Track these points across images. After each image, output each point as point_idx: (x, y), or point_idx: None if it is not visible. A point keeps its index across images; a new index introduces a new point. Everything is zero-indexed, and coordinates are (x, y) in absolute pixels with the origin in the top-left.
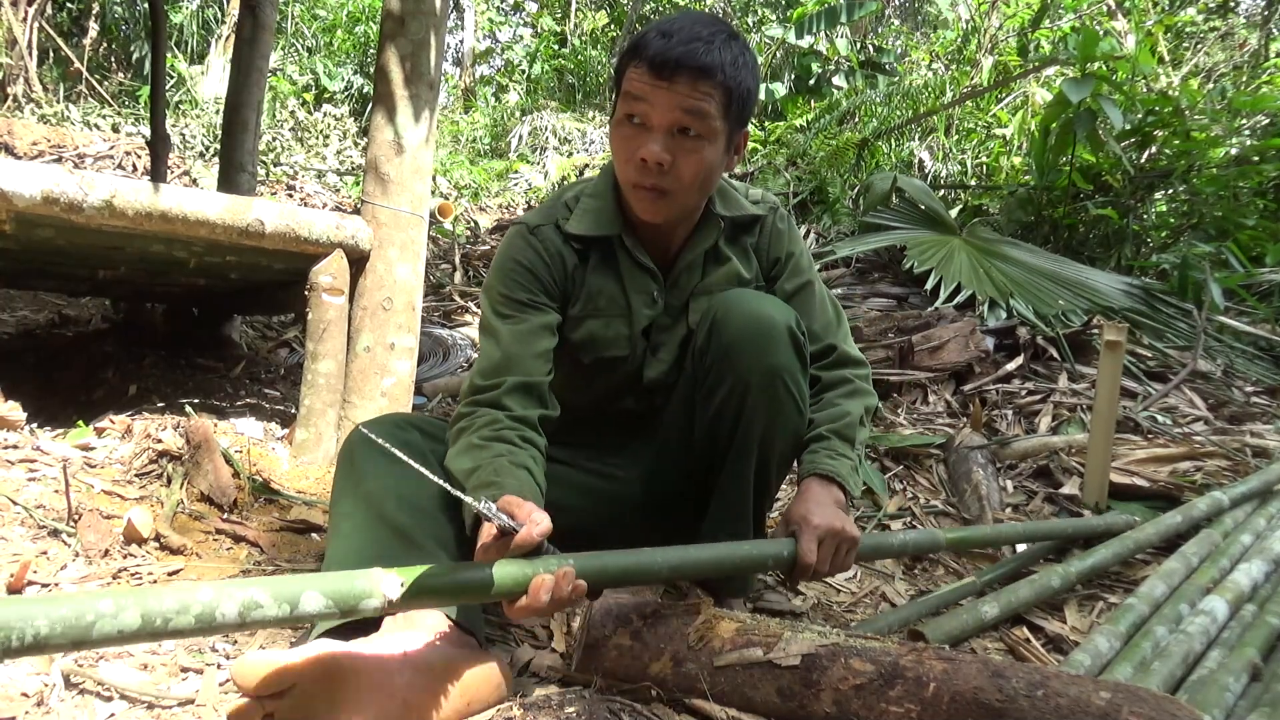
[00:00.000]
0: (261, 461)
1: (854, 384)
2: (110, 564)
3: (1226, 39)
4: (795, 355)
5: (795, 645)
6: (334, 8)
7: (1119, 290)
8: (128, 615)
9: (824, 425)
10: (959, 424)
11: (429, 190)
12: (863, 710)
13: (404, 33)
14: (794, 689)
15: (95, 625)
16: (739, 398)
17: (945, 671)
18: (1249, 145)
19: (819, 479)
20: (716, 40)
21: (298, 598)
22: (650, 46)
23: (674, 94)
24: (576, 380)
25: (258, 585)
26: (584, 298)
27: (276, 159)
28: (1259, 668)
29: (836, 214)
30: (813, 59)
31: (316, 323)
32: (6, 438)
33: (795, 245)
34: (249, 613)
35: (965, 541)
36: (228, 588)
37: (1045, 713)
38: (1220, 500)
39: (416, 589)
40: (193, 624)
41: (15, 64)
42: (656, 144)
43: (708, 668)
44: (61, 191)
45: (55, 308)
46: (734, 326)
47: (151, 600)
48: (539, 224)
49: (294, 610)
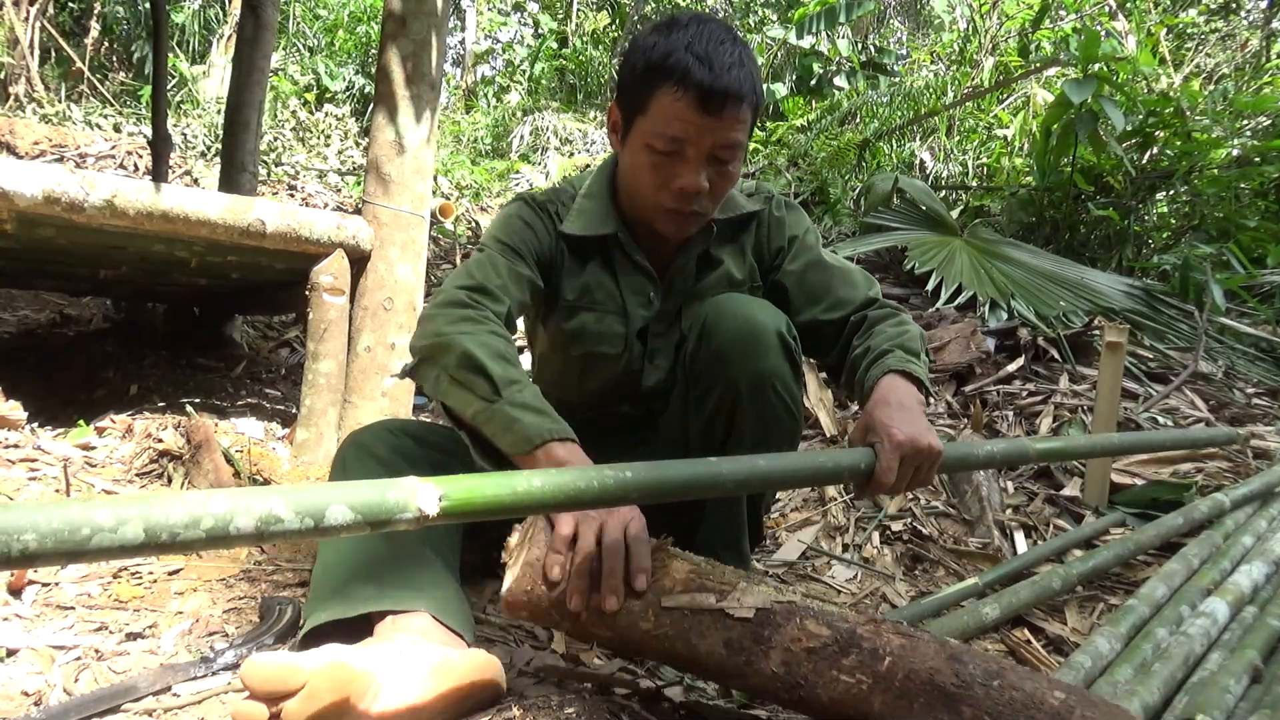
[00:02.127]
0: (262, 461)
1: (903, 319)
2: (110, 563)
3: (1228, 40)
4: (785, 359)
5: (750, 597)
6: (335, 8)
7: (1120, 291)
8: (129, 529)
9: (886, 341)
10: (960, 425)
11: (430, 190)
12: (812, 675)
13: (405, 33)
14: (743, 643)
15: (92, 539)
16: (730, 404)
17: (902, 647)
18: (1250, 146)
19: (898, 376)
20: (741, 56)
21: (322, 510)
22: (693, 76)
23: (718, 127)
24: (569, 375)
25: (277, 494)
26: (579, 288)
27: (278, 159)
28: (1260, 670)
29: (838, 215)
30: (814, 60)
31: (317, 323)
32: (7, 437)
33: (798, 228)
34: (268, 527)
35: (1059, 454)
36: (244, 498)
37: (1000, 704)
38: (1221, 502)
39: (457, 501)
40: (203, 538)
41: (17, 63)
42: (698, 174)
43: (654, 605)
44: (63, 191)
45: (56, 307)
46: (723, 332)
47: (156, 511)
48: (543, 200)
49: (318, 524)
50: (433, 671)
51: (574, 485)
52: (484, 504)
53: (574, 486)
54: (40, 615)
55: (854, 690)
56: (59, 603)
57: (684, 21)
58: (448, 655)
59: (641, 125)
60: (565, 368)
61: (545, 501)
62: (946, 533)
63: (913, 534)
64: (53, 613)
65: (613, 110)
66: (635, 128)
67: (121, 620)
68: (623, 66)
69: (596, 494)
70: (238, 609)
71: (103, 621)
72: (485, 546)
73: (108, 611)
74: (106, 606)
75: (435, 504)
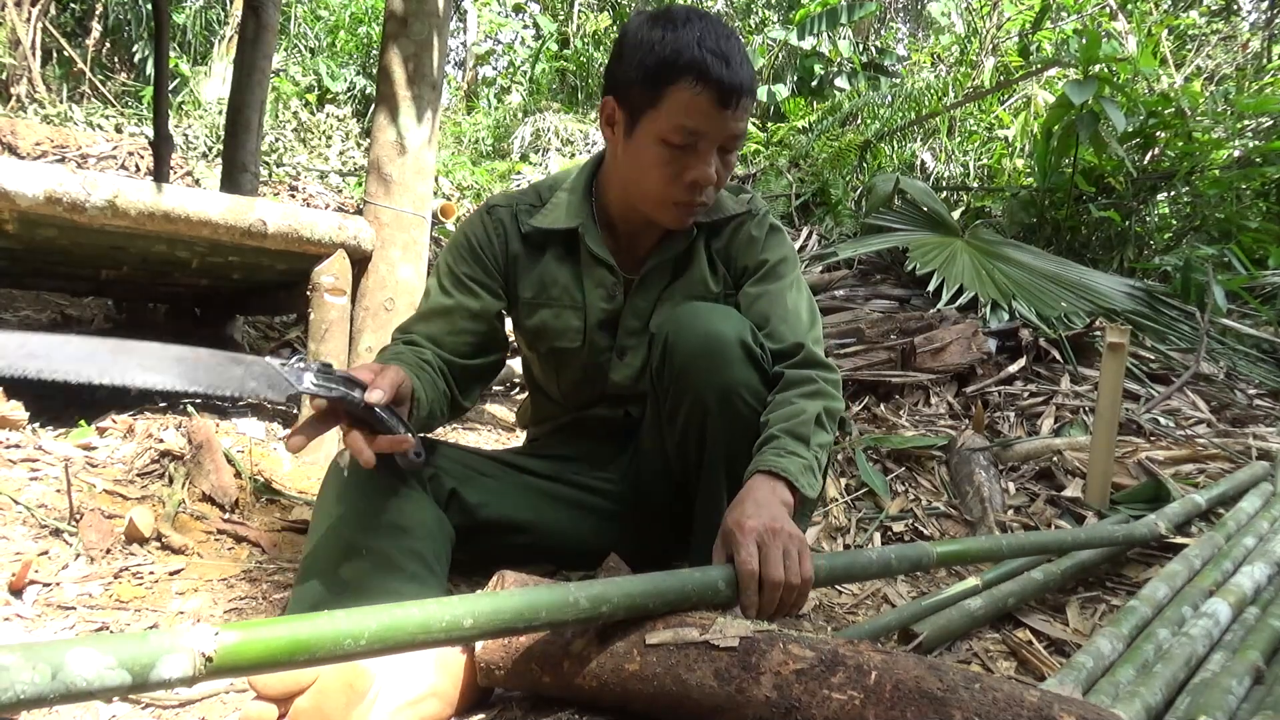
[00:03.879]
0: (263, 462)
1: (817, 384)
2: (112, 563)
3: (1229, 41)
4: (750, 367)
5: (732, 628)
6: (337, 9)
7: (1121, 292)
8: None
9: (776, 425)
10: (961, 426)
11: (431, 191)
12: (805, 695)
13: (406, 33)
14: (732, 671)
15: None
16: (700, 418)
17: (884, 661)
18: (1252, 147)
19: (762, 476)
20: (744, 51)
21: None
22: (712, 72)
23: (733, 119)
24: (545, 372)
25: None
26: (537, 285)
27: (279, 159)
28: (1262, 671)
29: (839, 215)
30: (815, 61)
31: (319, 323)
32: (9, 437)
33: (773, 253)
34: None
35: (959, 557)
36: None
37: (985, 704)
38: (1197, 503)
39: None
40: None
41: (18, 64)
42: (710, 166)
43: (638, 645)
44: (65, 191)
45: (58, 308)
46: (685, 347)
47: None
48: (497, 205)
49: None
50: (436, 668)
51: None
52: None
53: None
54: (41, 615)
55: (848, 706)
56: (60, 603)
57: (684, 16)
58: (451, 653)
59: (653, 119)
60: (540, 366)
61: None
62: (948, 533)
63: (914, 535)
64: (54, 613)
65: (608, 104)
66: (644, 123)
67: (123, 620)
68: (621, 61)
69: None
70: (239, 609)
71: (104, 622)
72: (479, 548)
73: (109, 612)
74: (108, 607)
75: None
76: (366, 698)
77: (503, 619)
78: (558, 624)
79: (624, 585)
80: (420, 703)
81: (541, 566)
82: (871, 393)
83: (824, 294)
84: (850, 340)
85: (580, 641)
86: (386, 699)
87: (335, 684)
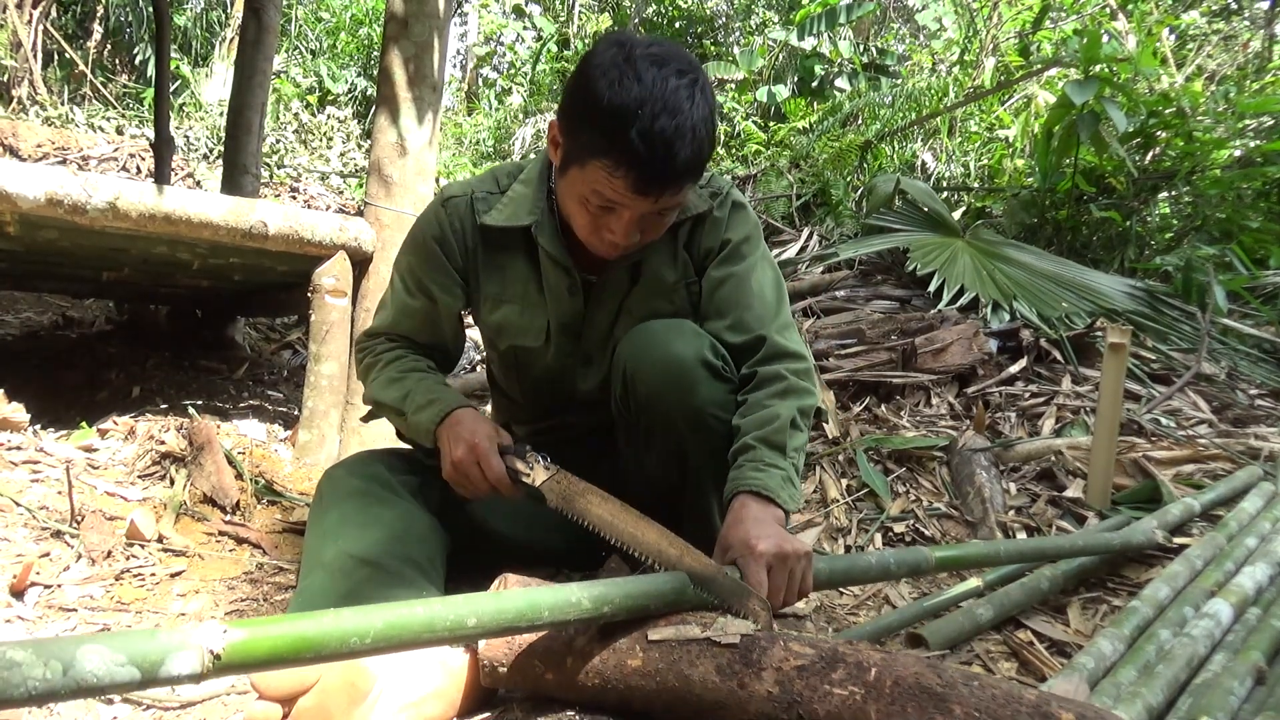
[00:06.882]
0: (264, 463)
1: (787, 381)
2: (113, 565)
3: (1229, 41)
4: (716, 382)
5: (733, 626)
6: (338, 10)
7: (1122, 292)
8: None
9: (750, 433)
10: (962, 426)
11: (432, 192)
12: (806, 690)
13: (407, 35)
14: (734, 667)
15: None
16: (676, 444)
17: (883, 659)
18: (1253, 147)
19: (750, 496)
20: (695, 123)
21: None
22: (635, 162)
23: (656, 203)
24: (505, 372)
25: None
26: (499, 281)
27: (280, 161)
28: (1264, 671)
29: (839, 216)
30: (816, 61)
31: (319, 324)
32: (10, 439)
33: (736, 232)
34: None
35: (957, 562)
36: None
37: (984, 700)
38: (1192, 506)
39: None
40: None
41: (20, 66)
42: (629, 234)
43: (640, 640)
44: (66, 193)
45: (59, 309)
46: (647, 376)
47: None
48: (454, 195)
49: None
50: (439, 670)
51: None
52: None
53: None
54: (43, 617)
55: (849, 702)
56: (61, 605)
57: (647, 70)
58: (453, 655)
59: (579, 174)
60: (501, 364)
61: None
62: (949, 534)
63: (915, 535)
64: (55, 614)
65: (553, 126)
66: (572, 170)
67: (124, 622)
68: (572, 94)
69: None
70: (240, 610)
71: (105, 623)
72: (475, 559)
73: (110, 613)
74: (109, 609)
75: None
76: (369, 698)
77: (506, 618)
78: (560, 624)
79: (625, 586)
80: (422, 703)
81: (543, 568)
82: (872, 393)
83: (825, 294)
84: (851, 341)
85: (583, 638)
86: (389, 699)
87: (338, 684)
